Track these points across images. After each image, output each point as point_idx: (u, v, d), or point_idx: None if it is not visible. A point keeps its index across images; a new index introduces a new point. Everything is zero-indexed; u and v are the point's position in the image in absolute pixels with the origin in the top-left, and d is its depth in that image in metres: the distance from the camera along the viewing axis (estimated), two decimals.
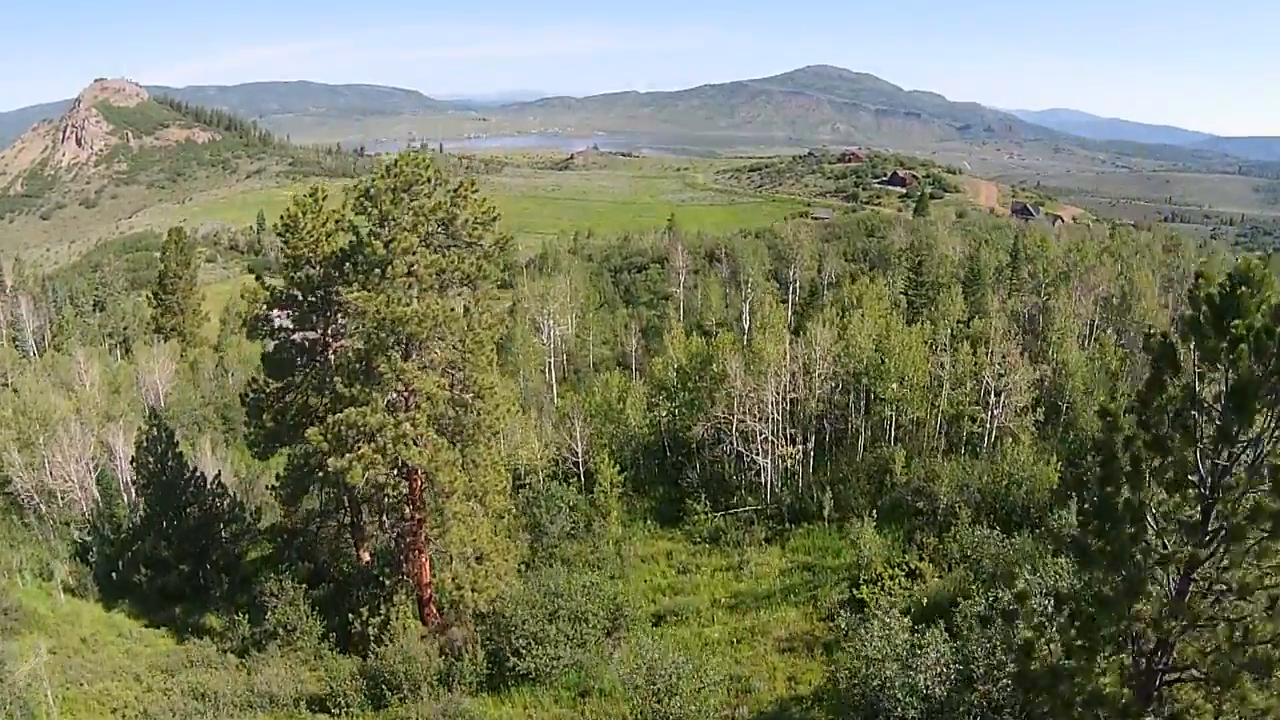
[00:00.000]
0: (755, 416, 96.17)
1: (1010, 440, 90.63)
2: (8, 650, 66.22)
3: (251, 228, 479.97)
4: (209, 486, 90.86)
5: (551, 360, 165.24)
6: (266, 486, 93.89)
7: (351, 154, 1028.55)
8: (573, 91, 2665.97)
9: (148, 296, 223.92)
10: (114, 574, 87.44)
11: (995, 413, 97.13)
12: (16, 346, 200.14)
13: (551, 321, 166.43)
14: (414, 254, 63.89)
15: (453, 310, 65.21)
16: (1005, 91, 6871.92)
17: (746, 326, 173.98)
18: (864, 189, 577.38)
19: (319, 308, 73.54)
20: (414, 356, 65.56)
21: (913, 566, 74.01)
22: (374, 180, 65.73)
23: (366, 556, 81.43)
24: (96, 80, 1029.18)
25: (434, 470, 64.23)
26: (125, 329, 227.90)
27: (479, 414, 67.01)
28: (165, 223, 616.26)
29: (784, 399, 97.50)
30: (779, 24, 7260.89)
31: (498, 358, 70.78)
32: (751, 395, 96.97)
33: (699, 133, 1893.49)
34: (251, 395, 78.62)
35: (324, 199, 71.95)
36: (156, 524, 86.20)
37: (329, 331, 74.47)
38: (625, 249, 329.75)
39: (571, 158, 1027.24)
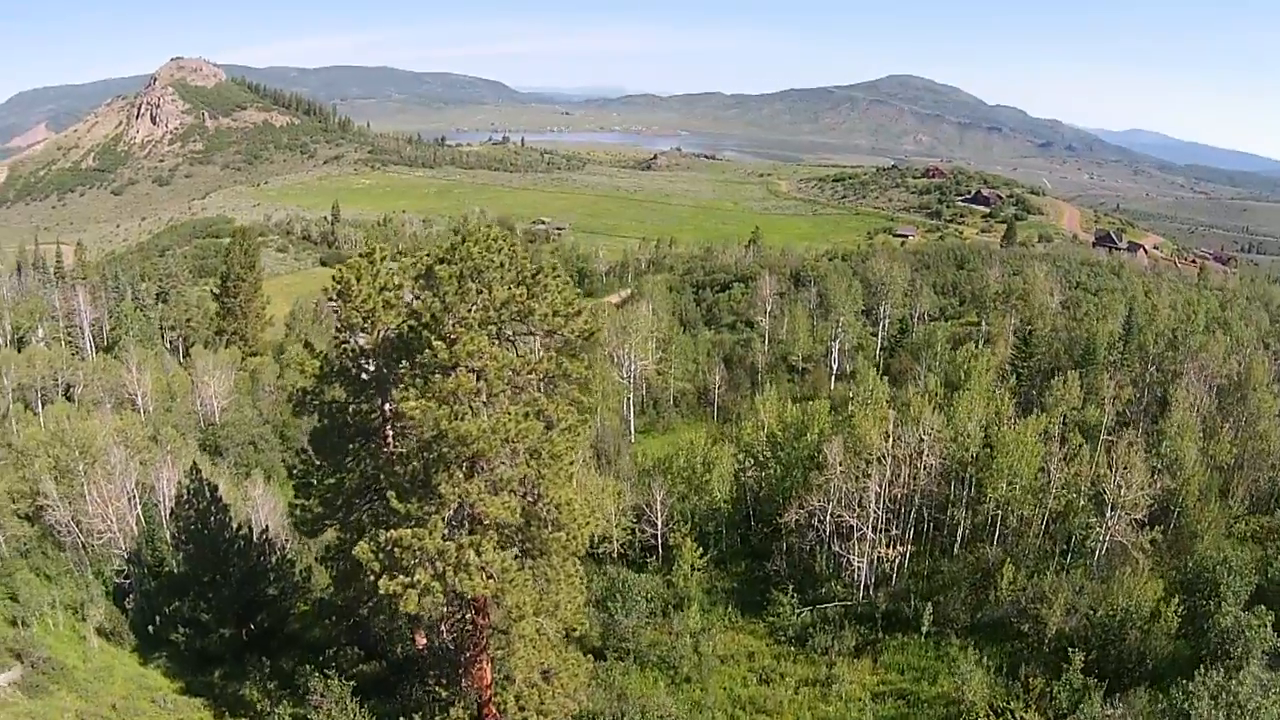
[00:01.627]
0: (853, 513, 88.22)
1: (1123, 559, 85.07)
2: (35, 712, 62.43)
3: (326, 218, 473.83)
4: (255, 540, 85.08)
5: (631, 396, 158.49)
6: (316, 557, 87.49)
7: (432, 143, 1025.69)
8: (657, 90, 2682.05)
9: (211, 292, 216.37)
10: (151, 626, 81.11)
11: (1109, 524, 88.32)
12: (69, 342, 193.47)
13: (632, 356, 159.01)
14: (483, 356, 55.31)
15: (527, 418, 56.24)
16: (1086, 109, 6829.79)
17: (835, 365, 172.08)
18: (947, 206, 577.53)
19: (374, 386, 65.19)
20: (480, 472, 57.07)
21: (1019, 718, 65.79)
22: (437, 260, 57.07)
23: (422, 641, 74.56)
24: (173, 59, 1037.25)
25: (500, 593, 56.05)
26: (188, 321, 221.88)
27: (554, 532, 58.07)
28: (239, 205, 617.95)
29: (885, 493, 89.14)
30: (865, 31, 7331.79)
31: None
32: (850, 486, 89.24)
33: (782, 137, 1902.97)
34: (299, 471, 70.52)
35: (381, 260, 63.00)
36: (197, 582, 79.97)
37: (385, 412, 66.00)
38: (708, 263, 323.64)
39: (655, 158, 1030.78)
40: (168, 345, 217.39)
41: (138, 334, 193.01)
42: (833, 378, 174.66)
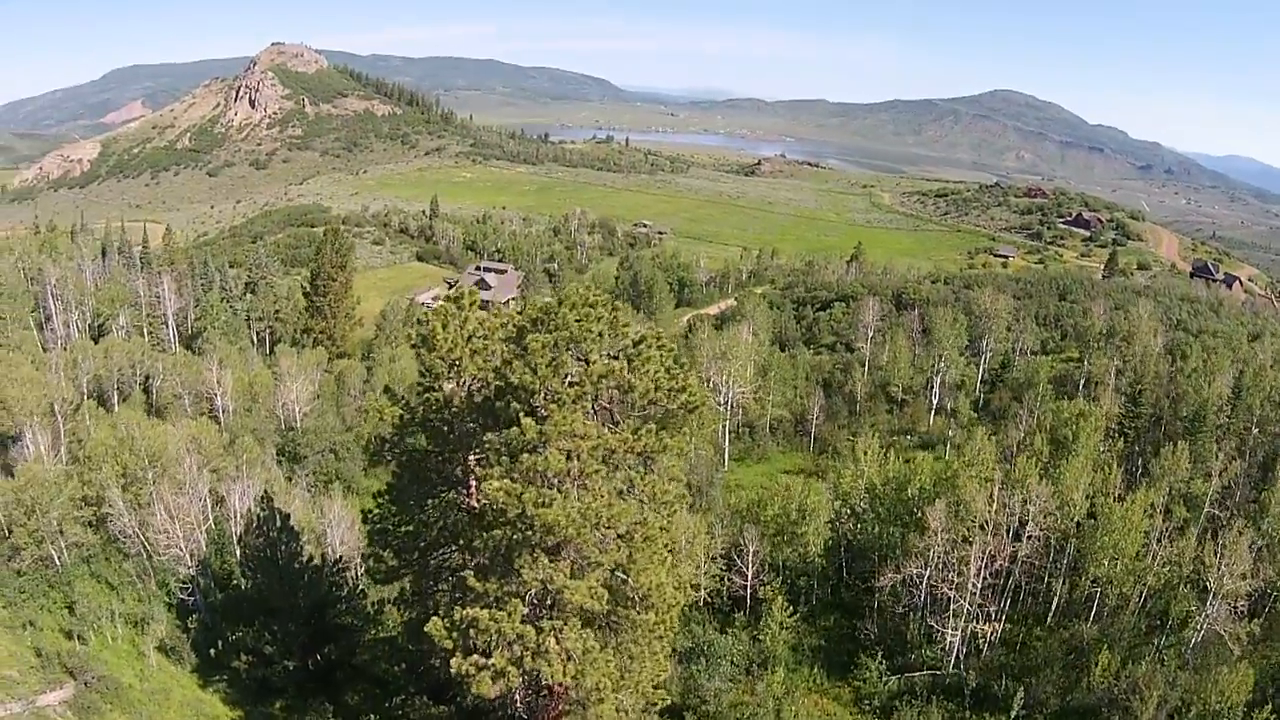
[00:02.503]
0: (951, 584, 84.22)
1: (1218, 647, 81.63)
2: None
3: (424, 212, 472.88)
4: (328, 568, 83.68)
5: (727, 424, 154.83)
6: (389, 601, 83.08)
7: (536, 139, 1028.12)
8: (761, 94, 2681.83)
9: (302, 287, 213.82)
10: (213, 650, 79.24)
11: (1208, 612, 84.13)
12: (149, 334, 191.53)
13: (731, 383, 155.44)
14: (575, 435, 50.77)
15: (621, 497, 52.35)
16: (1184, 132, 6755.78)
17: (935, 399, 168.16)
18: (1048, 228, 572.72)
19: (458, 440, 60.81)
20: (566, 555, 53.19)
21: None
22: (530, 321, 52.91)
23: (495, 692, 69.90)
24: (273, 44, 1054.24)
25: (580, 675, 52.48)
26: (276, 313, 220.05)
27: (643, 613, 53.97)
28: (336, 193, 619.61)
29: (985, 564, 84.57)
30: (970, 44, 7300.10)
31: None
32: (949, 553, 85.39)
33: (885, 148, 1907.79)
34: (375, 517, 66.11)
35: (471, 305, 58.49)
36: (263, 610, 78.44)
37: (469, 465, 61.55)
38: (809, 278, 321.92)
39: (758, 163, 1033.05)
40: (254, 337, 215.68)
41: (222, 327, 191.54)
42: (932, 412, 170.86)
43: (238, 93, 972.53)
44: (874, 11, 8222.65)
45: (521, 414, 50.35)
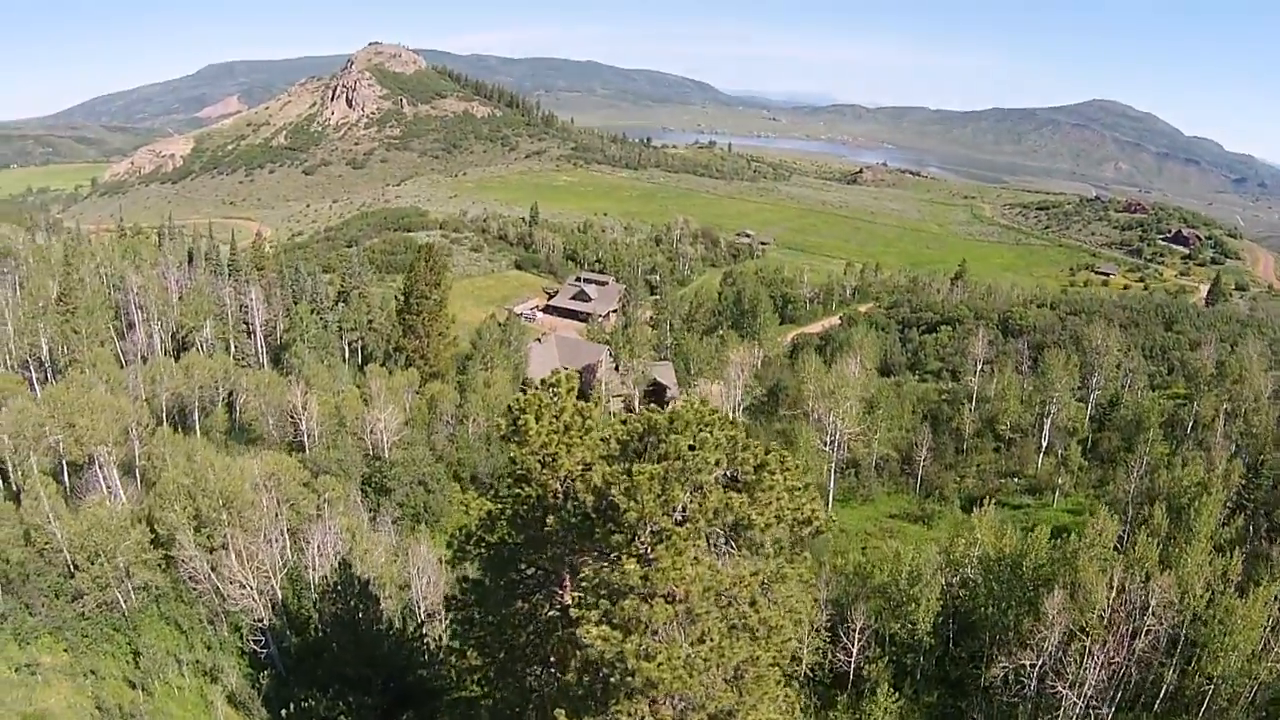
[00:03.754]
0: (1067, 682, 79.56)
1: None
2: None
3: (523, 218, 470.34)
4: (409, 632, 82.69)
5: (833, 465, 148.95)
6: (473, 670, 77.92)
7: (637, 143, 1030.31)
8: (862, 100, 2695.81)
9: (395, 298, 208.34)
10: (285, 711, 75.05)
11: None
12: (235, 347, 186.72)
13: (839, 423, 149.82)
14: (685, 580, 44.46)
15: (732, 632, 46.07)
16: (1277, 143, 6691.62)
17: (1045, 440, 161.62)
18: (1148, 244, 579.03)
19: (553, 541, 53.37)
20: (667, 702, 46.80)
21: None
22: (636, 438, 47.15)
23: None
24: (371, 44, 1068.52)
25: None
26: (369, 323, 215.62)
27: None
28: (434, 195, 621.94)
29: (1103, 660, 79.86)
30: (1069, 53, 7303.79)
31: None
32: (1064, 647, 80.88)
33: (985, 156, 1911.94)
34: (457, 603, 61.01)
35: (569, 391, 51.03)
36: (339, 676, 76.28)
37: (569, 564, 54.26)
38: (914, 297, 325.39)
39: (860, 171, 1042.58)
40: (345, 348, 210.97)
41: (311, 340, 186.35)
42: (1040, 454, 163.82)
43: (334, 92, 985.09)
44: (972, 18, 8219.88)
45: (624, 551, 45.13)
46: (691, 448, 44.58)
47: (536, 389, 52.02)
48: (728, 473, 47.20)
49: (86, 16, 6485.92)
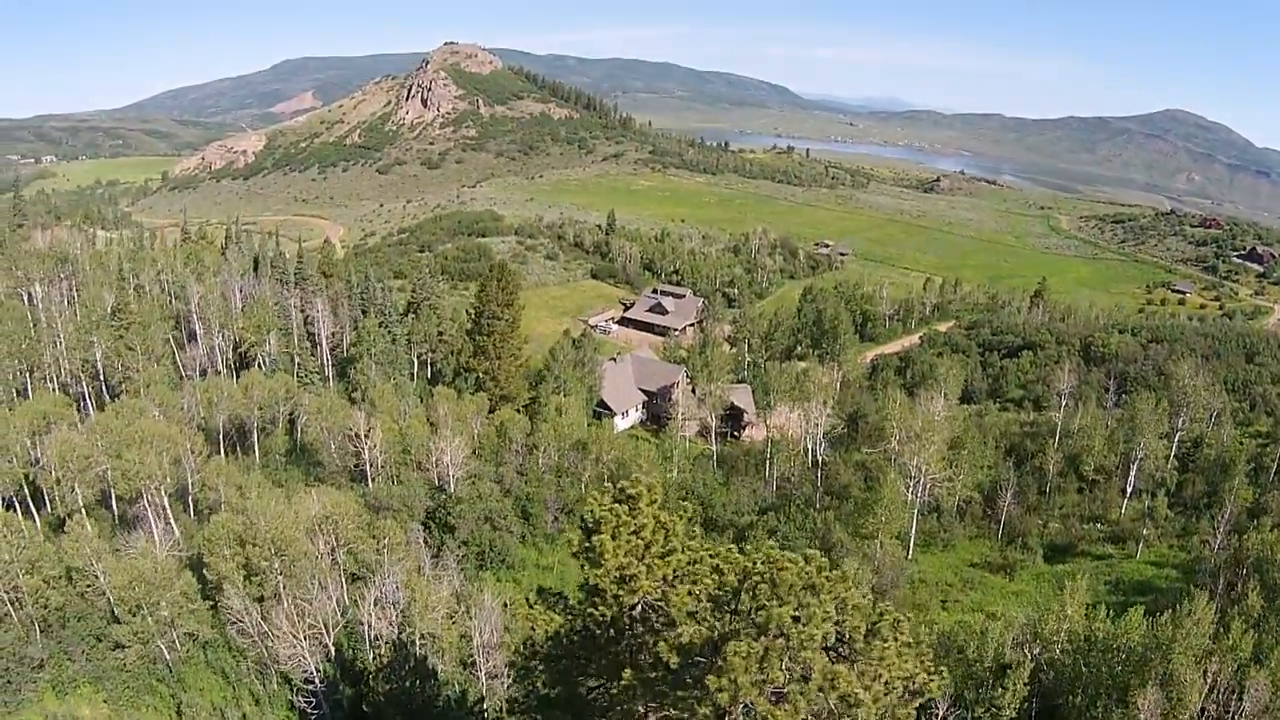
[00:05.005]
0: None
1: None
2: None
3: (600, 226, 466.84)
4: (471, 704, 79.16)
5: (916, 511, 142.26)
6: None
7: (715, 147, 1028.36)
8: (939, 106, 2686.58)
9: (466, 313, 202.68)
10: None
11: None
12: (298, 362, 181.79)
13: (924, 469, 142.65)
14: None
15: None
16: None
17: (1131, 485, 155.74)
18: (1223, 261, 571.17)
19: (623, 691, 47.64)
20: None
21: None
22: (729, 597, 41.25)
23: None
24: (446, 44, 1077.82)
25: None
26: (440, 335, 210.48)
27: None
28: (509, 199, 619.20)
29: None
30: (1143, 62, 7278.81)
31: None
32: None
33: (1060, 165, 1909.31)
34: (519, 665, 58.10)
35: (650, 504, 44.69)
36: None
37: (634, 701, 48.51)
38: (994, 318, 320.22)
39: (938, 179, 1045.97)
40: (413, 360, 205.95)
41: (378, 356, 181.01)
42: (1126, 499, 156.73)
43: (409, 91, 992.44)
44: (1049, 26, 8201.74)
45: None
46: (795, 618, 38.24)
47: (615, 506, 45.54)
48: (833, 644, 40.47)
49: (161, 9, 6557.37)
